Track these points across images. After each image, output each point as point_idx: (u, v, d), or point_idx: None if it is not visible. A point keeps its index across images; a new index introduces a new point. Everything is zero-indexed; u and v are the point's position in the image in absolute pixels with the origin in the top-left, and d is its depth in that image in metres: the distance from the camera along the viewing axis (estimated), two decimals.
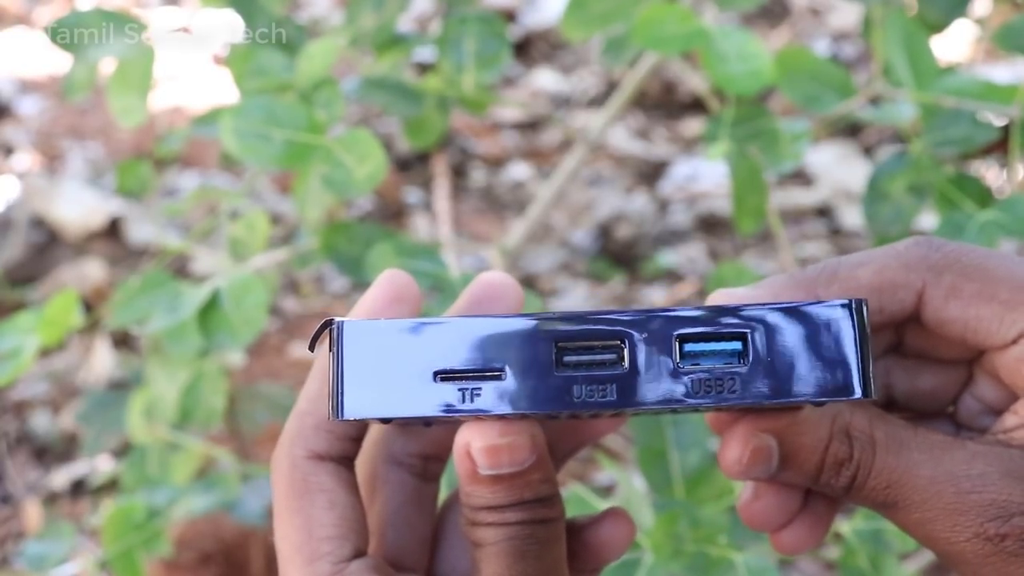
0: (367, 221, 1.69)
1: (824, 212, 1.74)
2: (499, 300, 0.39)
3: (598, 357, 0.33)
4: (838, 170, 1.78)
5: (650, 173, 1.88)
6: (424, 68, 1.60)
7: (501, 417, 0.34)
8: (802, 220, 1.73)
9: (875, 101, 0.82)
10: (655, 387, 0.33)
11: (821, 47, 2.10)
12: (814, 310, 0.33)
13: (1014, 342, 0.36)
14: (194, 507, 0.88)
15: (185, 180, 1.78)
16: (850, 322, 0.33)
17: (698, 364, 0.33)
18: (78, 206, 1.65)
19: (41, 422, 1.39)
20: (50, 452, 1.37)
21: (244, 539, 1.12)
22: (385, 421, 0.36)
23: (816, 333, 0.33)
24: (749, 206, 0.78)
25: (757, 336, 0.33)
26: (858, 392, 0.33)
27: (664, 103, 2.04)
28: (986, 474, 0.34)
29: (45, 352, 1.34)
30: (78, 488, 1.32)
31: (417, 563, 0.41)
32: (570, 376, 0.33)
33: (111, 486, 1.28)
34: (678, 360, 0.33)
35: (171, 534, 0.97)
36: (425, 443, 0.41)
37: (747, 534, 0.63)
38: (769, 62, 0.74)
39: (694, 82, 0.95)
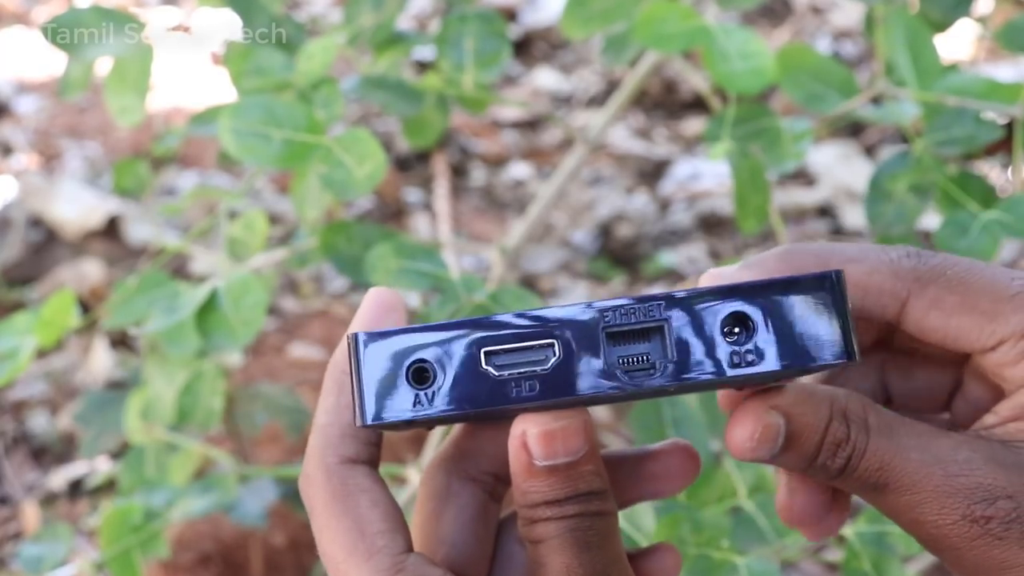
0: (367, 221, 1.69)
1: (826, 212, 1.74)
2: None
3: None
4: (840, 170, 1.77)
5: (651, 172, 1.87)
6: (424, 67, 1.60)
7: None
8: (803, 220, 1.72)
9: (877, 100, 0.81)
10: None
11: (823, 46, 2.10)
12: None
13: (993, 348, 0.38)
14: (192, 508, 0.87)
15: (183, 180, 1.78)
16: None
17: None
18: (76, 205, 1.64)
19: (39, 422, 1.39)
20: (48, 453, 1.37)
21: (243, 540, 1.12)
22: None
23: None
24: (751, 206, 0.78)
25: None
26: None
27: (665, 102, 2.03)
28: (972, 459, 0.36)
29: (43, 352, 1.34)
30: (76, 489, 1.32)
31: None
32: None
33: (109, 487, 1.27)
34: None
35: (169, 535, 0.96)
36: (498, 464, 0.42)
37: (749, 537, 0.62)
38: (771, 61, 0.74)
39: (695, 81, 0.94)
